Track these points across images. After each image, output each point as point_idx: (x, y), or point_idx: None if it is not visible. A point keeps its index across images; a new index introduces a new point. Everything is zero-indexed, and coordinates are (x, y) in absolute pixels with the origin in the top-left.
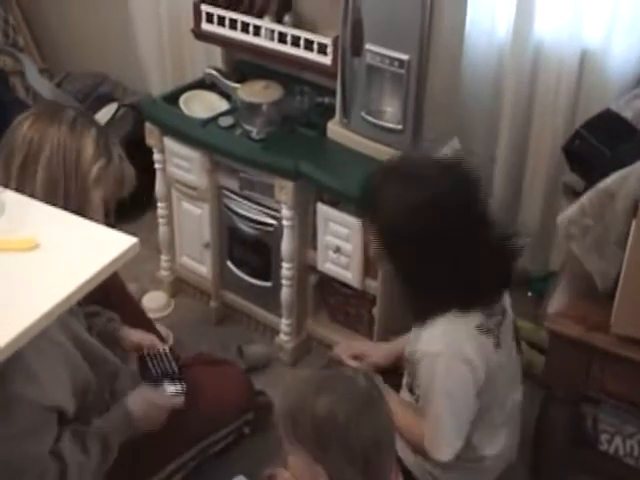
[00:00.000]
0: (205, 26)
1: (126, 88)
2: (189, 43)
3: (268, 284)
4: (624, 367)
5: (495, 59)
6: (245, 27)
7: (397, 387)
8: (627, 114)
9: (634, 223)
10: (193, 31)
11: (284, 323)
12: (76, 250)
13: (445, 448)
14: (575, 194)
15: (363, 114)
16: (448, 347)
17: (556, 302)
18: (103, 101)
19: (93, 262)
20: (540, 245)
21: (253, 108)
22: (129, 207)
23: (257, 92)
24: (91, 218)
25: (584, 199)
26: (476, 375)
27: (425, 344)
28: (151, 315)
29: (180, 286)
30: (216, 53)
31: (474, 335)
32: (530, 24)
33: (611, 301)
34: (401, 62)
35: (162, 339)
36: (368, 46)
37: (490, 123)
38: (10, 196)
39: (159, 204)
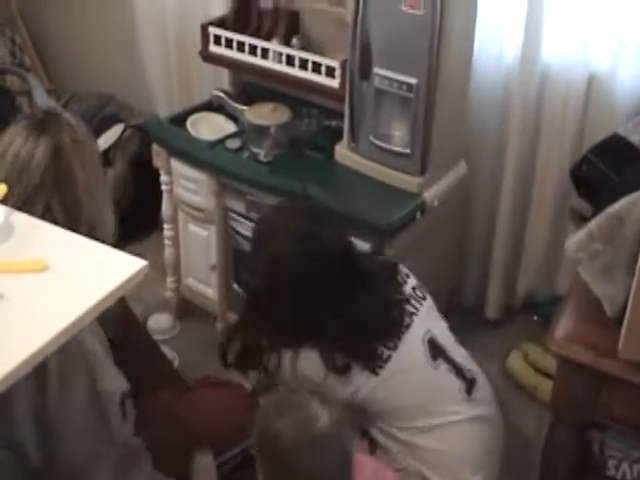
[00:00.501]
0: (213, 48)
1: (133, 109)
2: (196, 65)
3: None
4: (632, 393)
5: (502, 83)
6: (253, 49)
7: None
8: (634, 139)
9: None
10: (201, 53)
11: None
12: (85, 272)
13: None
14: (582, 219)
15: (371, 138)
16: None
17: (564, 326)
18: (109, 122)
19: (103, 284)
20: (546, 269)
21: (261, 130)
22: (135, 228)
23: (265, 115)
24: None
25: (592, 224)
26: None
27: None
28: (157, 337)
29: (186, 308)
30: (224, 75)
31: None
32: (537, 48)
33: (619, 326)
34: (409, 86)
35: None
36: (376, 70)
37: (497, 147)
38: (18, 218)
39: (165, 225)
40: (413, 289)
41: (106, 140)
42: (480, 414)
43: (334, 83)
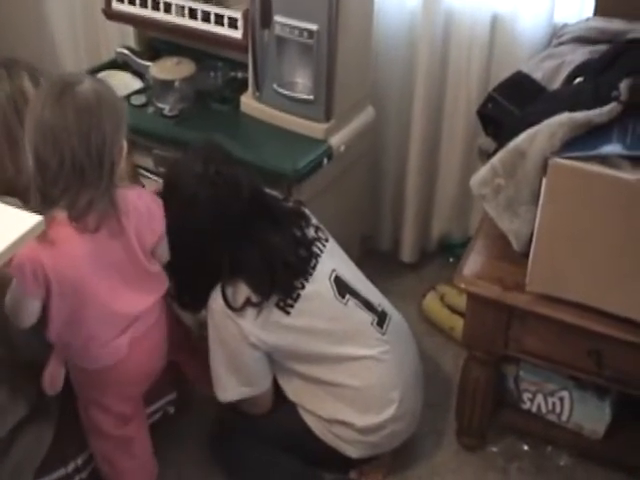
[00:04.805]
0: (116, 5)
1: (40, 70)
2: (102, 22)
3: None
4: (541, 325)
5: (407, 27)
6: (156, 4)
7: None
8: (537, 75)
9: (544, 181)
10: (104, 11)
11: None
12: None
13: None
14: (490, 157)
15: (275, 86)
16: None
17: (472, 264)
18: None
19: None
20: (459, 211)
21: (165, 85)
22: None
23: (168, 69)
24: None
25: (495, 159)
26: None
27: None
28: None
29: None
30: (130, 32)
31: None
32: None
33: (526, 261)
34: (310, 33)
35: None
36: (277, 18)
37: (404, 90)
38: None
39: None
40: (316, 231)
41: None
42: (393, 346)
43: (237, 34)
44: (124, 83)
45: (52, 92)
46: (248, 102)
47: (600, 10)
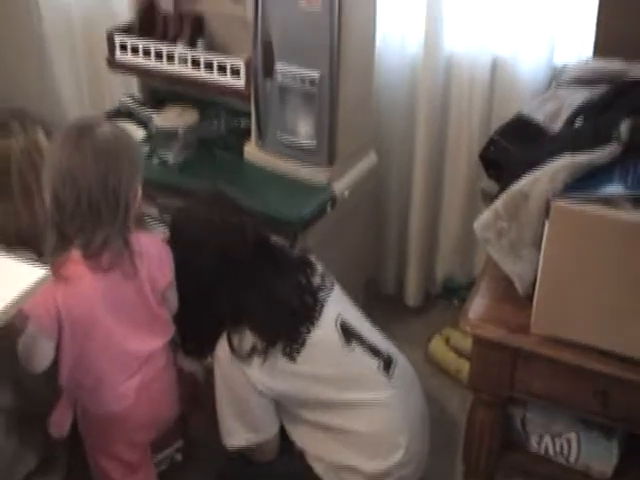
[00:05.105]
0: (119, 55)
1: (52, 122)
2: (106, 71)
3: None
4: (547, 367)
5: (408, 72)
6: (159, 54)
7: None
8: (538, 117)
9: (547, 223)
10: (108, 61)
11: None
12: None
13: (228, 437)
14: (493, 200)
15: (278, 134)
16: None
17: (477, 306)
18: None
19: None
20: (463, 253)
21: (169, 134)
22: None
23: (172, 118)
24: None
25: (498, 202)
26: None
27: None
28: None
29: None
30: (133, 80)
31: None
32: (440, 36)
33: (531, 303)
34: (312, 80)
35: None
36: (279, 66)
37: (406, 134)
38: None
39: None
40: (321, 278)
41: None
42: (400, 391)
43: (240, 82)
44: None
45: (71, 134)
46: (252, 150)
47: (599, 51)
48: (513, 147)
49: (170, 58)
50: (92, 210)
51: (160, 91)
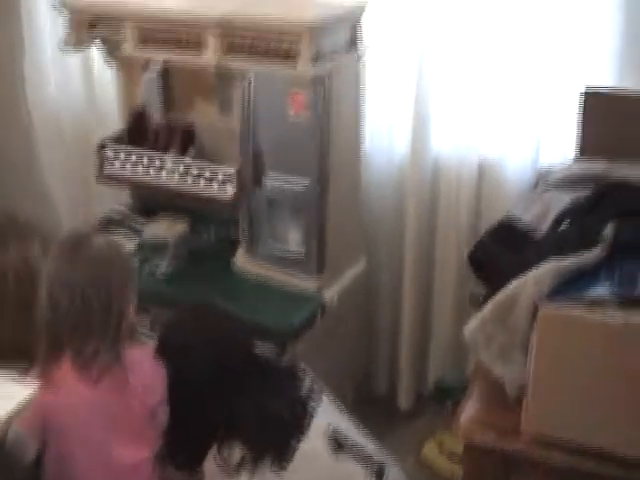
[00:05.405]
0: (108, 169)
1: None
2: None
3: None
4: (539, 470)
5: (396, 177)
6: (149, 165)
7: None
8: (526, 219)
9: (535, 328)
10: (96, 176)
11: None
12: None
13: None
14: (482, 303)
15: (268, 243)
16: None
17: (468, 411)
18: None
19: None
20: (455, 355)
21: (159, 245)
22: None
23: (163, 229)
24: None
25: (486, 308)
26: None
27: None
28: None
29: None
30: (124, 191)
31: None
32: (427, 140)
33: (521, 405)
34: (300, 190)
35: None
36: (268, 176)
37: (395, 237)
38: None
39: None
40: (311, 387)
41: None
42: None
43: (230, 192)
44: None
45: (65, 245)
46: (241, 259)
47: (582, 151)
48: (501, 250)
49: (160, 169)
50: (84, 320)
51: (151, 201)
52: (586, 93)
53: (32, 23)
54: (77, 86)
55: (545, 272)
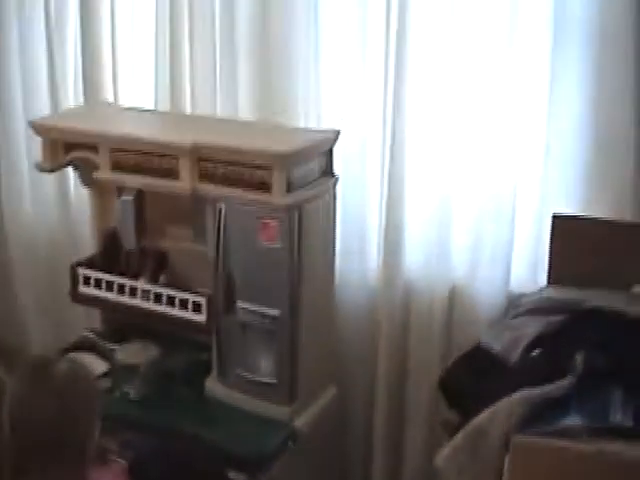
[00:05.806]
0: (82, 288)
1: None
2: (69, 303)
3: None
4: None
5: (367, 304)
6: (121, 288)
7: None
8: (496, 347)
9: (507, 459)
10: (70, 294)
11: None
12: None
13: None
14: (454, 431)
15: (239, 370)
16: None
17: None
18: None
19: None
20: None
21: (131, 369)
22: None
23: (134, 353)
24: None
25: (458, 437)
26: None
27: None
28: None
29: None
30: (96, 313)
31: None
32: (398, 265)
33: None
34: (272, 318)
35: None
36: (240, 304)
37: (366, 367)
38: None
39: None
40: None
41: None
42: None
43: (201, 318)
44: (90, 366)
45: (27, 372)
46: (213, 385)
47: (553, 279)
48: (472, 378)
49: (133, 293)
50: (47, 447)
51: (122, 324)
52: (555, 217)
53: (9, 144)
54: (52, 207)
55: (516, 402)
